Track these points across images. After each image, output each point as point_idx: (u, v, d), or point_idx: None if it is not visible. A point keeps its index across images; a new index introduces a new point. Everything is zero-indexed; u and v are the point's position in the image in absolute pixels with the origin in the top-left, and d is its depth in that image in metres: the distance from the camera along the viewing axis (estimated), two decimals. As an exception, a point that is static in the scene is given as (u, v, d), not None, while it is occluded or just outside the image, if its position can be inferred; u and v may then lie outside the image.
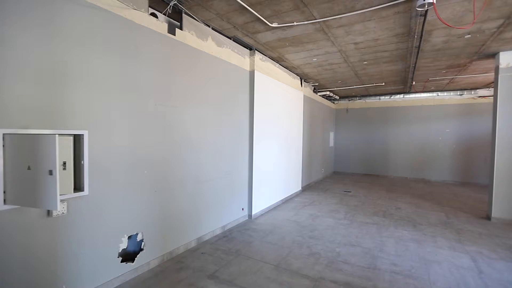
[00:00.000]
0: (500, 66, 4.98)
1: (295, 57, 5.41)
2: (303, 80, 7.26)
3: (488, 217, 5.06)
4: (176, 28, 3.37)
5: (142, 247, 2.95)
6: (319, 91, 8.84)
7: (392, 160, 10.15)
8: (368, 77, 7.10)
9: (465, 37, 4.29)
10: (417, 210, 5.59)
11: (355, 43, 4.61)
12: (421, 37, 4.20)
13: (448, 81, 7.56)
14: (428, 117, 9.60)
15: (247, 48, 4.81)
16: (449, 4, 3.26)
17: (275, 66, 5.68)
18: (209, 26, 3.95)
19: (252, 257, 3.35)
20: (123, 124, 2.74)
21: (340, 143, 11.08)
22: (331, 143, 10.71)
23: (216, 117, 4.07)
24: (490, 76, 6.75)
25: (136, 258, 2.89)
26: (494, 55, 5.14)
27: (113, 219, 2.65)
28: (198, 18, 3.69)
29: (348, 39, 4.40)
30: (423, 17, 3.52)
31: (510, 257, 3.48)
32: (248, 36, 4.33)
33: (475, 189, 7.88)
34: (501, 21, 3.72)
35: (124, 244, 2.76)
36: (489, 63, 5.65)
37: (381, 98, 10.01)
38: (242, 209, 4.75)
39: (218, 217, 4.15)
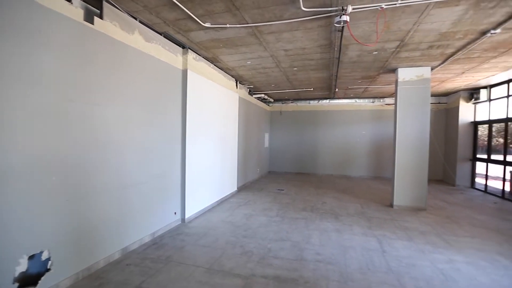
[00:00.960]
0: (399, 80, 6.01)
1: (230, 59, 5.46)
2: (238, 82, 7.38)
3: (391, 205, 6.03)
4: (95, 17, 3.02)
5: (48, 267, 2.53)
6: (254, 93, 9.12)
7: (320, 159, 11.17)
8: (298, 82, 7.66)
9: (373, 53, 5.03)
10: (340, 203, 6.29)
11: (285, 50, 4.92)
12: (340, 50, 4.75)
13: (363, 89, 8.74)
14: (349, 121, 10.90)
15: (180, 46, 4.64)
16: (360, 25, 3.77)
17: (210, 66, 5.63)
18: (136, 19, 3.66)
19: (184, 263, 3.24)
20: (26, 123, 2.30)
21: (275, 144, 11.66)
22: (266, 144, 11.18)
23: (145, 116, 3.79)
24: (393, 87, 8.07)
25: (39, 281, 2.46)
26: (394, 70, 6.17)
27: (7, 237, 2.20)
28: (122, 8, 3.38)
29: (278, 45, 4.66)
30: (340, 33, 3.99)
31: (405, 236, 4.22)
32: (180, 33, 4.18)
33: (384, 182, 9.31)
34: (397, 43, 4.49)
35: (22, 266, 2.32)
36: (391, 77, 6.75)
37: (310, 102, 10.93)
38: (175, 213, 4.55)
39: (147, 224, 3.87)
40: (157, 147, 4.07)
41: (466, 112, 8.87)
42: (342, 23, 3.34)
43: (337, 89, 8.50)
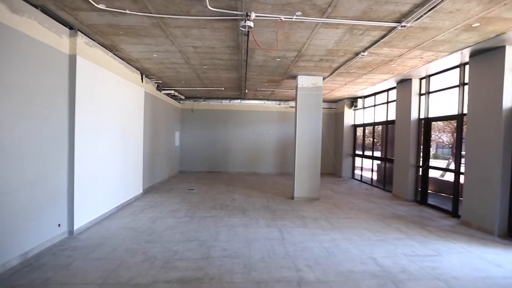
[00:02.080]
0: (298, 86, 6.80)
1: (133, 49, 4.96)
2: (144, 75, 6.79)
3: (293, 197, 6.78)
4: None
5: None
6: (163, 89, 8.59)
7: (231, 158, 11.48)
8: (209, 80, 7.65)
9: (277, 60, 5.52)
10: (248, 199, 6.63)
11: (194, 47, 4.82)
12: (247, 53, 5.01)
13: (270, 92, 9.48)
14: (258, 121, 11.60)
15: (66, 27, 3.90)
16: (264, 32, 4.07)
17: (108, 55, 4.96)
18: (-5, -18, 2.86)
19: (69, 282, 2.75)
20: None
21: (186, 143, 11.30)
22: (177, 143, 10.71)
23: (15, 109, 3.01)
24: (294, 92, 9.06)
25: None
26: (295, 77, 6.94)
27: None
28: (-29, -36, 2.58)
29: (187, 41, 4.53)
30: (247, 37, 4.20)
31: (301, 224, 4.82)
32: (65, 11, 3.51)
33: (288, 177, 10.36)
34: (296, 53, 5.07)
35: None
36: (293, 82, 7.57)
37: (222, 101, 11.11)
38: (59, 225, 3.80)
39: (14, 244, 3.10)
40: (33, 147, 3.31)
41: (349, 117, 10.84)
42: (247, 28, 3.53)
43: (246, 90, 8.93)
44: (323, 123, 11.38)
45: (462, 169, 5.31)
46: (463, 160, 5.34)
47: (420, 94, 6.77)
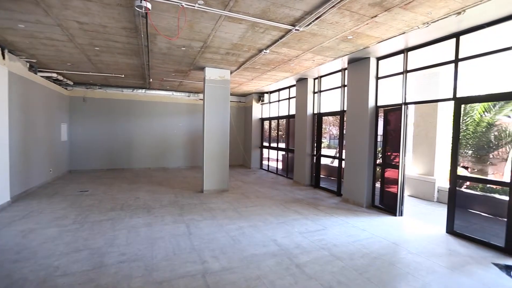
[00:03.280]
0: (206, 78, 6.71)
1: (-16, 13, 3.77)
2: (7, 50, 5.31)
3: (202, 191, 6.72)
4: None
5: None
6: (40, 71, 6.95)
7: (136, 153, 10.43)
8: (104, 65, 6.65)
9: (182, 48, 5.26)
10: (154, 196, 6.18)
11: (80, 23, 4.06)
12: (147, 38, 4.57)
13: (178, 83, 9.02)
14: (166, 113, 10.90)
15: None
16: (165, 17, 3.78)
17: None
18: None
19: None
20: None
21: (78, 137, 9.57)
22: (64, 137, 8.93)
23: None
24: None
25: None
26: (203, 69, 6.81)
27: None
28: None
29: (68, 14, 3.76)
30: (145, 19, 3.82)
31: (210, 216, 4.84)
32: None
33: (198, 171, 10.20)
34: (202, 44, 4.96)
35: None
36: (201, 74, 7.41)
37: (124, 90, 9.90)
38: None
39: None
40: None
41: (257, 110, 11.48)
42: (143, 8, 3.20)
43: (151, 79, 8.23)
44: (233, 116, 11.72)
45: (344, 156, 6.45)
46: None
47: (314, 92, 7.79)
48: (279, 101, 10.17)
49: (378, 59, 5.53)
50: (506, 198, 3.66)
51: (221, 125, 6.88)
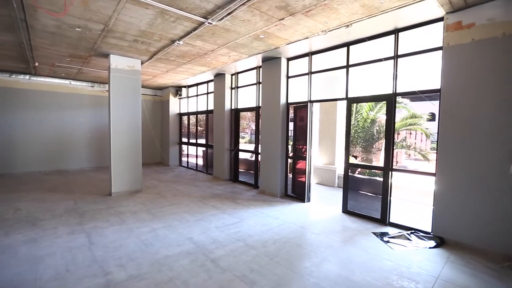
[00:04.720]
0: (111, 66, 5.93)
1: None
2: None
3: (110, 193, 5.96)
4: None
5: None
6: None
7: (20, 154, 8.43)
8: (-40, 40, 5.06)
9: (77, 29, 4.47)
10: (43, 205, 5.12)
11: None
12: (23, 10, 3.69)
13: (77, 70, 7.69)
14: (63, 105, 9.17)
15: None
16: (47, -14, 3.12)
17: None
18: None
19: None
20: None
21: None
22: None
23: None
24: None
25: None
26: (107, 56, 5.99)
27: None
28: None
29: None
30: (17, -14, 3.06)
31: (117, 221, 4.34)
32: None
33: (106, 172, 9.00)
34: (102, 26, 4.32)
35: None
36: (106, 62, 6.50)
37: (-5, 75, 7.81)
38: None
39: None
40: None
41: (174, 105, 10.89)
42: (12, -28, 2.54)
43: (37, 63, 6.74)
44: (147, 110, 10.82)
45: (260, 150, 6.78)
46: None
47: (232, 88, 7.89)
48: (197, 95, 9.90)
49: (289, 59, 6.01)
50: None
51: (131, 120, 6.22)
